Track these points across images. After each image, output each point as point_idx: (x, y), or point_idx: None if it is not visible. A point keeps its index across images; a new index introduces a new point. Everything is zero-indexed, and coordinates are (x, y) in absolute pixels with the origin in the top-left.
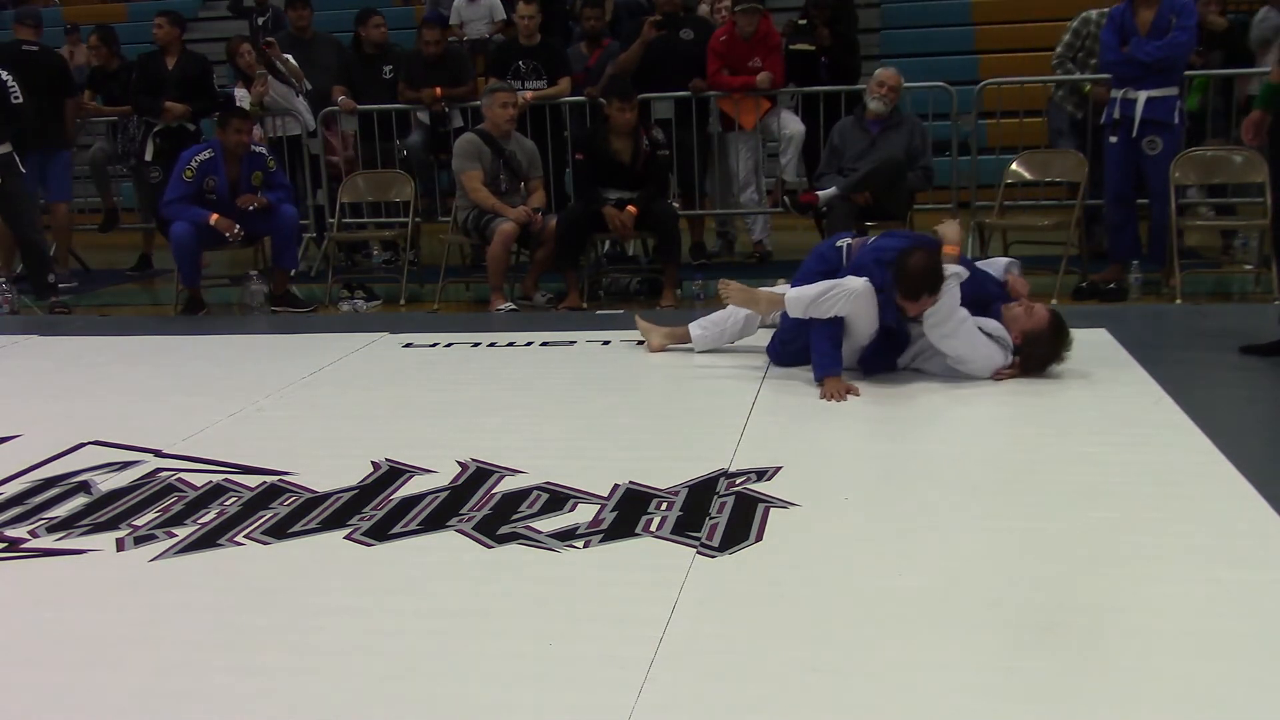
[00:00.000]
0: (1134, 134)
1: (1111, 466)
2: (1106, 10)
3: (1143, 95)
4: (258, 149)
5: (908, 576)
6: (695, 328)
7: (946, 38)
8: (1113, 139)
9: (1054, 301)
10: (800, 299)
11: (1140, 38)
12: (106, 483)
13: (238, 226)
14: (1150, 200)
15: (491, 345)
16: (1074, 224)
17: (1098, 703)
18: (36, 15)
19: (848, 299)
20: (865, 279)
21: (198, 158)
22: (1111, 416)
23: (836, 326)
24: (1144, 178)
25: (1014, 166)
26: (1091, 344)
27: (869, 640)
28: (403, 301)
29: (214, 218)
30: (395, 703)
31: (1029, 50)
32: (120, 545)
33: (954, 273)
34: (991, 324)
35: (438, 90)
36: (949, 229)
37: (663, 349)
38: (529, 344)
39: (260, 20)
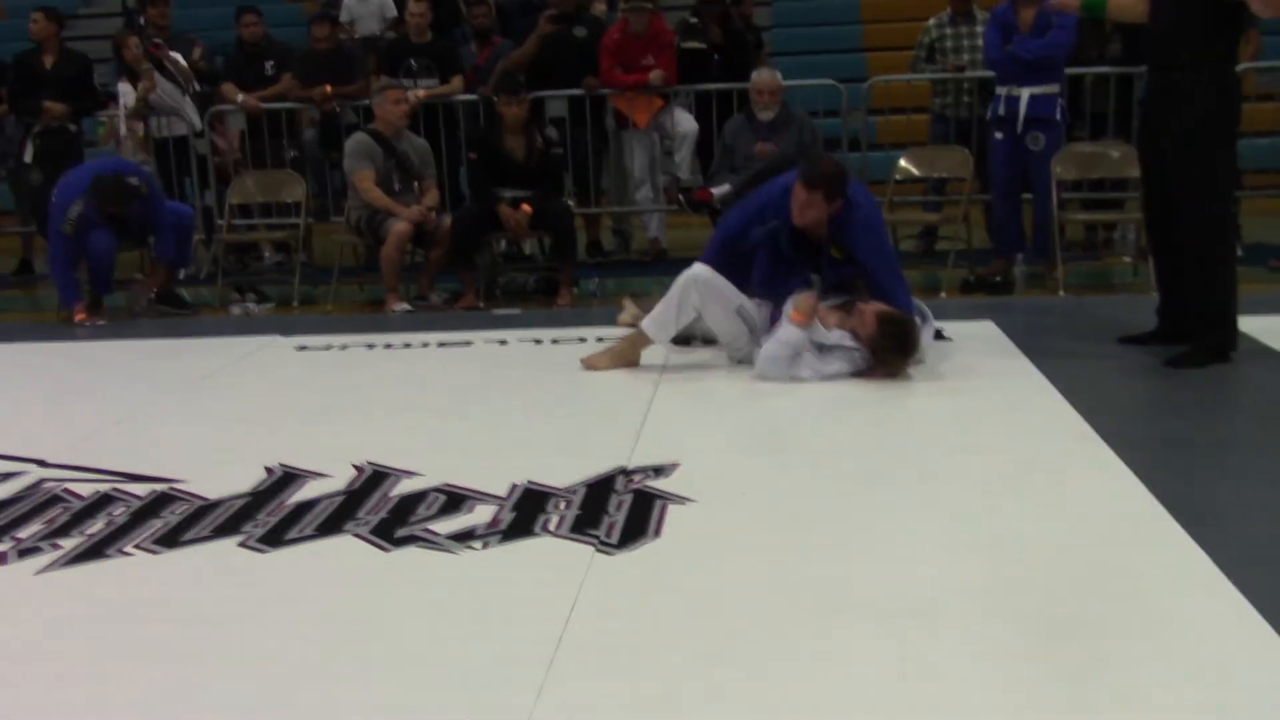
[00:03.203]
0: (1019, 130)
1: (997, 454)
2: (945, 13)
3: (1026, 92)
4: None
5: (804, 570)
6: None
7: (835, 36)
8: (998, 135)
9: (943, 295)
10: (656, 323)
11: (1022, 36)
12: None
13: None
14: (1034, 195)
15: (387, 347)
16: (960, 218)
17: (996, 688)
18: None
19: (692, 292)
20: (702, 266)
21: (76, 207)
22: (997, 406)
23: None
24: (1028, 173)
25: (902, 163)
26: (978, 336)
27: (769, 634)
28: (295, 303)
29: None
30: (294, 709)
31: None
32: (3, 559)
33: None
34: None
35: (328, 88)
36: (803, 299)
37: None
38: (425, 345)
39: (141, 20)
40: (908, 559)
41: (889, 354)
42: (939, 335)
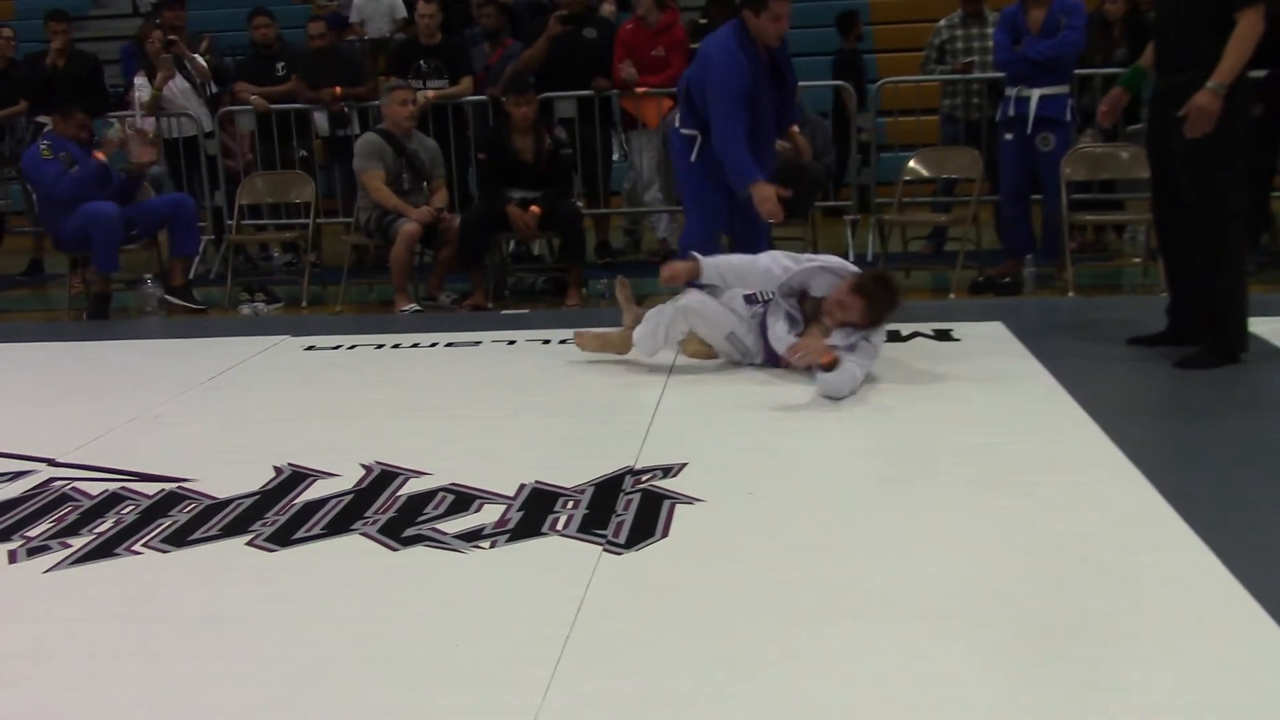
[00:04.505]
0: (1028, 131)
1: (1006, 455)
2: (956, 14)
3: (1036, 93)
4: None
5: (811, 570)
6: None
7: None
8: (1008, 136)
9: (952, 296)
10: (644, 341)
11: (1032, 37)
12: None
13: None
14: (1043, 196)
15: (396, 347)
16: (970, 219)
17: (1004, 690)
18: None
19: (680, 320)
20: (695, 294)
21: (43, 142)
22: (1006, 407)
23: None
24: (1037, 174)
25: (911, 164)
26: (988, 337)
27: (775, 634)
28: (305, 304)
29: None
30: (301, 708)
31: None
32: (12, 557)
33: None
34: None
35: (337, 90)
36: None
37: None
38: (434, 345)
39: (157, 21)
40: (915, 560)
41: (890, 310)
42: (947, 336)
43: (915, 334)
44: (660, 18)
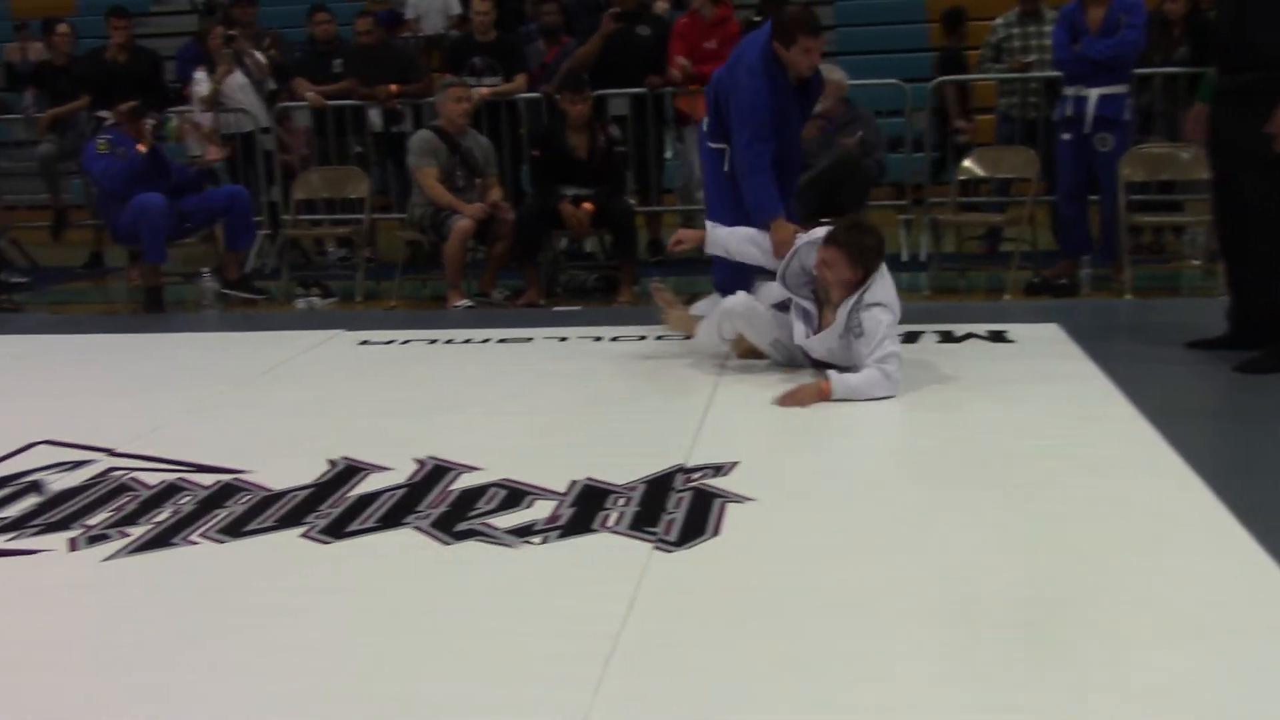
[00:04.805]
0: (1086, 131)
1: (1060, 458)
2: (1013, 12)
3: (1094, 93)
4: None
5: (864, 570)
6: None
7: (900, 35)
8: (1065, 136)
9: (1007, 297)
10: (706, 334)
11: (1091, 36)
12: (58, 482)
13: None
14: (1100, 196)
15: (449, 342)
16: (1025, 220)
17: (1069, 693)
18: None
19: (726, 323)
20: (742, 296)
21: (102, 137)
22: (1061, 410)
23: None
24: (1095, 174)
25: (966, 163)
26: (1043, 339)
27: (827, 634)
28: (359, 298)
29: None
30: (352, 701)
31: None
32: (73, 545)
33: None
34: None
35: (393, 87)
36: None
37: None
38: (486, 341)
39: (221, 17)
40: (968, 562)
41: (872, 251)
42: (1002, 337)
43: (970, 335)
44: (714, 12)
